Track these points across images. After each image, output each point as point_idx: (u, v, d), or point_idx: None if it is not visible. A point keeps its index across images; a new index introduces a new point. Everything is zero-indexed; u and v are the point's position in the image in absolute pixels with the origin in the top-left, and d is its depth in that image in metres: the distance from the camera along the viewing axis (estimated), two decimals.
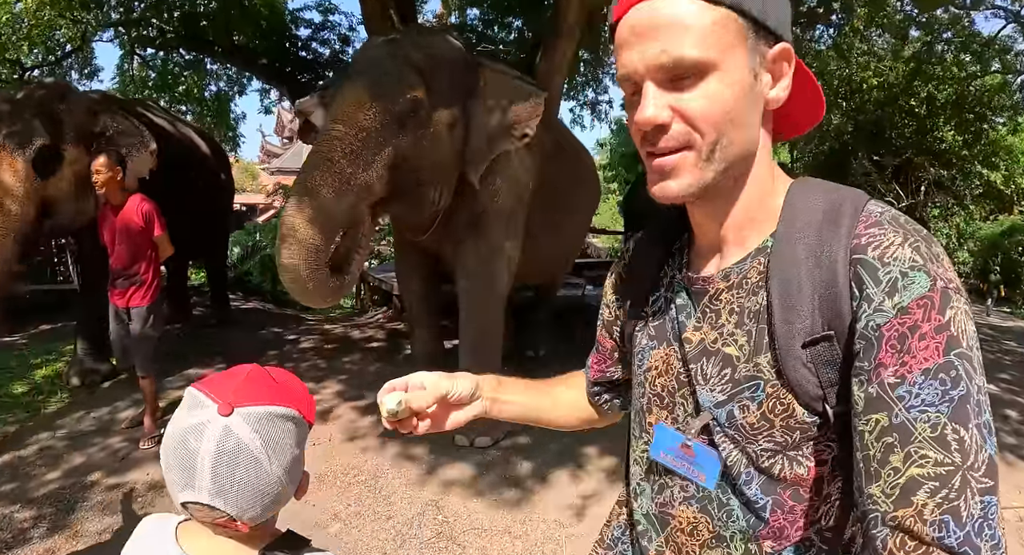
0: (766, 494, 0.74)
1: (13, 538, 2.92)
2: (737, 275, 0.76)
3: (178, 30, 9.29)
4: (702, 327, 0.79)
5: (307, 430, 0.89)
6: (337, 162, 2.88)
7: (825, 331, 0.67)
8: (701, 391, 0.78)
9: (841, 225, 0.67)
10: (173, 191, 5.27)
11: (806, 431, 0.70)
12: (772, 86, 0.72)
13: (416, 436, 3.30)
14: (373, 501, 3.22)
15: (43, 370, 5.10)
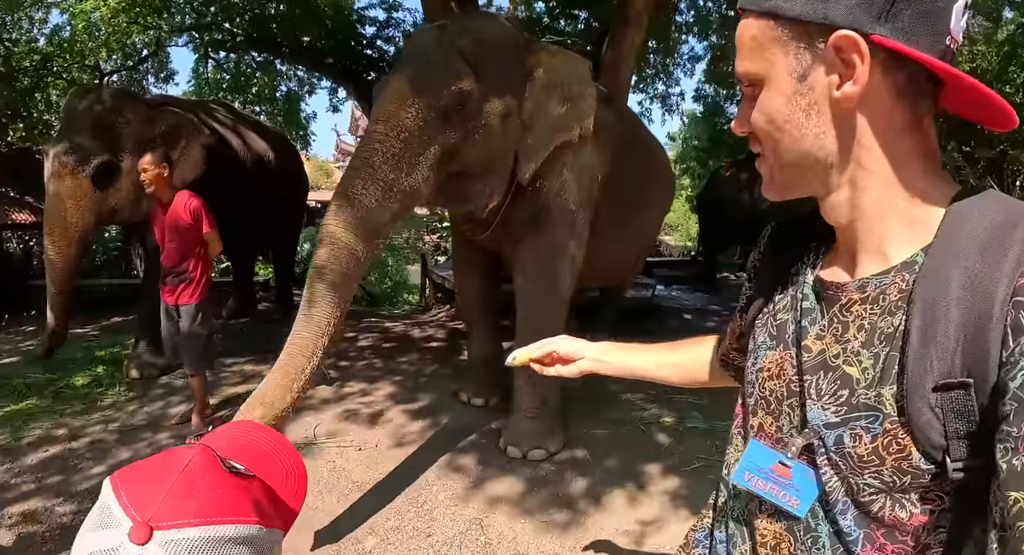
0: (859, 527, 0.68)
1: (49, 532, 2.88)
2: (875, 288, 0.68)
3: (248, 33, 9.49)
4: (825, 337, 0.72)
5: (275, 541, 0.63)
6: (378, 168, 2.69)
7: (963, 377, 0.58)
8: (812, 406, 0.71)
9: (1008, 253, 0.57)
10: (237, 189, 5.36)
11: (918, 477, 0.63)
12: (839, 84, 0.64)
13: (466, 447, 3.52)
14: (414, 516, 3.00)
15: (105, 363, 5.18)
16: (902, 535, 0.67)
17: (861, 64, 0.62)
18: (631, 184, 4.28)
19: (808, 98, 0.66)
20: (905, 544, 0.67)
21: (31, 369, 4.95)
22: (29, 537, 2.83)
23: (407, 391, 4.79)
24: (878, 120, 0.65)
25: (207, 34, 9.39)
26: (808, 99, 0.66)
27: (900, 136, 0.66)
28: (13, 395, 4.45)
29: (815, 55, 0.65)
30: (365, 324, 7.50)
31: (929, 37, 0.61)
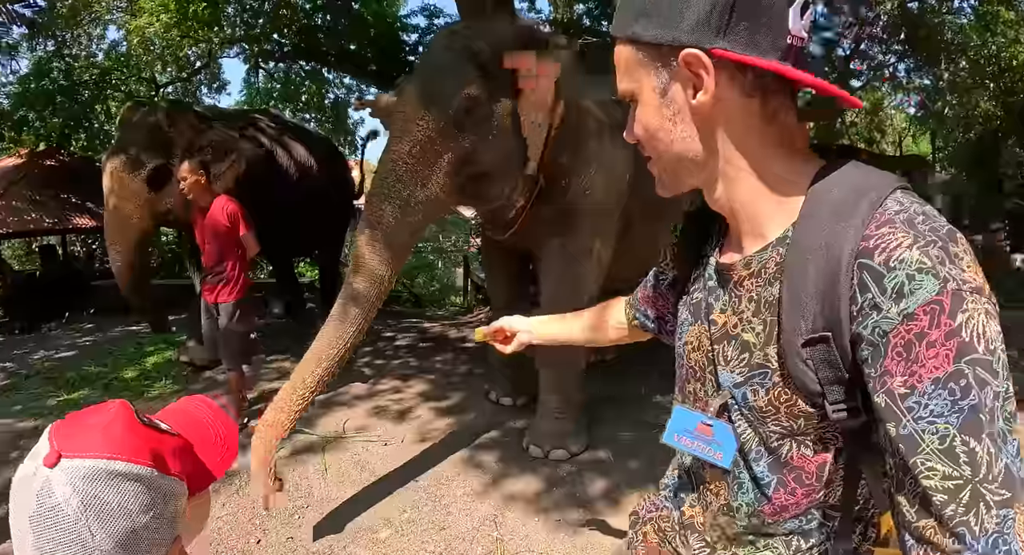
0: (772, 473, 0.79)
1: None
2: (757, 264, 0.78)
3: (296, 43, 9.78)
4: (727, 311, 0.82)
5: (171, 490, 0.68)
6: (393, 186, 2.77)
7: (823, 332, 0.67)
8: (722, 371, 0.82)
9: (852, 222, 0.66)
10: (281, 193, 5.55)
11: (810, 420, 0.73)
12: (693, 95, 0.72)
13: (488, 444, 3.76)
14: (431, 509, 3.03)
15: (154, 357, 5.43)
16: (807, 477, 0.77)
17: (707, 76, 0.70)
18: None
19: (671, 108, 0.75)
20: (812, 487, 0.77)
21: (84, 362, 5.23)
22: None
23: (438, 389, 4.84)
24: (734, 120, 0.74)
25: (257, 45, 9.73)
26: (672, 109, 0.75)
27: (758, 130, 0.74)
28: (67, 386, 4.72)
29: (671, 71, 0.73)
30: (405, 324, 7.60)
31: (768, 41, 0.68)
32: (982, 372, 0.58)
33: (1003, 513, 0.56)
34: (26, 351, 5.83)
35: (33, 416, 4.17)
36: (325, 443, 3.79)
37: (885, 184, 0.68)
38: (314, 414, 4.27)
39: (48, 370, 5.05)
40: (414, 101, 2.79)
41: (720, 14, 0.68)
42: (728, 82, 0.71)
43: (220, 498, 3.12)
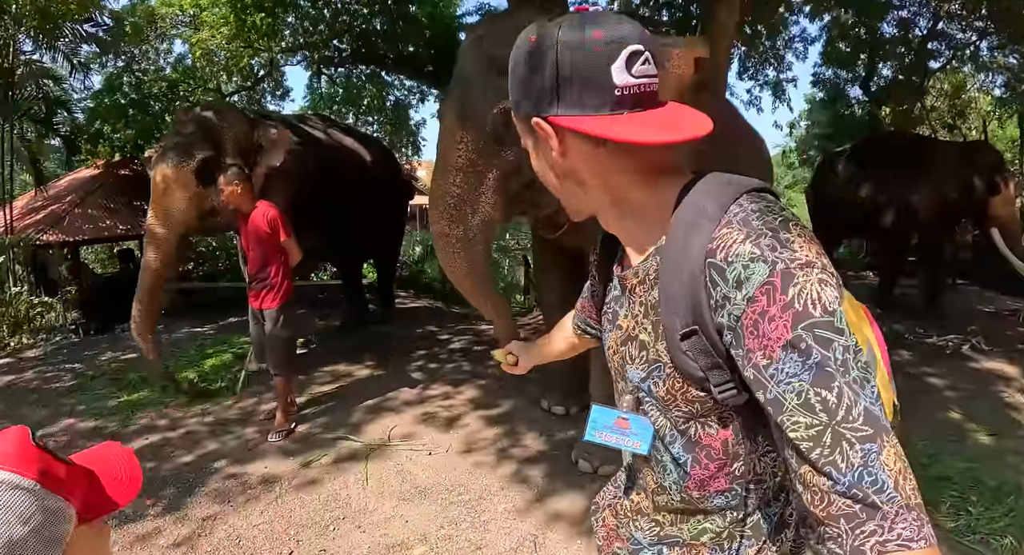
0: (686, 452, 0.90)
1: (132, 513, 3.04)
2: (643, 273, 0.88)
3: (355, 48, 9.90)
4: (628, 316, 0.93)
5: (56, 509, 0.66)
6: (447, 231, 2.73)
7: (692, 326, 0.76)
8: (630, 370, 0.93)
9: (701, 228, 0.75)
10: (337, 197, 5.54)
11: (704, 403, 0.84)
12: (551, 153, 0.84)
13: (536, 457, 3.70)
14: (469, 526, 2.87)
15: (213, 360, 5.52)
16: (716, 453, 0.87)
17: (552, 138, 0.82)
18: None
19: (544, 162, 0.88)
20: (722, 461, 0.87)
21: (148, 364, 5.35)
22: (114, 517, 3.00)
23: (489, 396, 4.69)
24: (588, 164, 0.84)
25: (317, 52, 9.92)
26: (545, 162, 0.88)
27: (613, 167, 0.84)
28: (128, 388, 4.85)
29: (534, 134, 0.85)
30: (461, 327, 7.51)
31: (596, 99, 0.77)
32: (823, 332, 0.65)
33: (866, 447, 0.62)
34: (96, 352, 6.07)
35: (94, 417, 4.29)
36: (369, 451, 3.70)
37: (732, 192, 0.77)
38: (361, 420, 4.21)
39: (113, 371, 5.21)
40: (453, 122, 2.67)
41: (552, 87, 0.78)
42: (573, 137, 0.81)
43: (258, 506, 3.08)
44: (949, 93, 14.50)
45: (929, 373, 5.09)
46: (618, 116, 0.77)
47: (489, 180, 2.69)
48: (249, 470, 3.47)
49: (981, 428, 3.88)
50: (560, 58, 0.77)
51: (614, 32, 0.76)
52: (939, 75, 13.12)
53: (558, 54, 0.77)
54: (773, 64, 10.08)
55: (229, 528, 2.88)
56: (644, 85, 0.77)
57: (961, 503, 2.96)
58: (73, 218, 8.22)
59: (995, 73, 12.21)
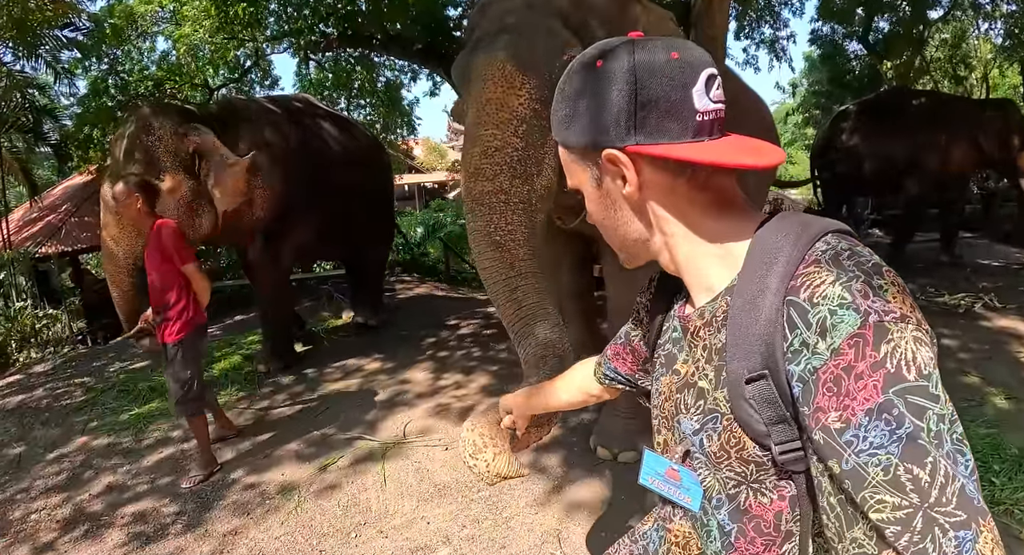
0: (733, 521, 0.80)
1: (154, 532, 3.04)
2: (709, 314, 0.81)
3: (341, 31, 9.68)
4: (688, 360, 0.86)
5: None
6: (509, 188, 2.15)
7: (761, 370, 0.69)
8: (683, 420, 0.84)
9: (784, 264, 0.69)
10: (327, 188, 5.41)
11: (761, 465, 0.74)
12: (623, 187, 0.79)
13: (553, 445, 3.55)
14: (491, 524, 2.85)
15: (223, 363, 5.50)
16: (766, 525, 0.77)
17: (628, 170, 0.77)
18: None
19: (609, 199, 0.83)
20: (771, 537, 0.77)
21: (158, 373, 5.33)
22: (136, 536, 3.00)
23: (501, 382, 4.67)
24: (663, 198, 0.79)
25: (303, 38, 9.70)
26: (609, 199, 0.83)
27: (688, 200, 0.79)
28: (138, 399, 4.83)
29: (600, 168, 0.80)
30: (468, 311, 7.49)
31: (677, 126, 0.73)
32: (916, 399, 0.59)
33: (960, 535, 0.55)
34: (104, 363, 6.06)
35: (107, 433, 4.28)
36: (385, 450, 3.68)
37: (818, 229, 0.71)
38: (375, 417, 4.20)
39: (122, 382, 5.19)
40: (508, 68, 2.22)
41: (628, 114, 0.74)
42: (651, 169, 0.77)
43: (278, 516, 3.07)
44: (950, 43, 14.19)
45: (943, 334, 5.03)
46: (699, 143, 0.74)
47: (551, 139, 2.19)
48: (266, 478, 3.46)
49: (999, 391, 3.83)
50: (640, 82, 0.73)
51: (689, 54, 0.74)
52: (939, 25, 12.82)
53: (637, 78, 0.73)
54: (769, 22, 9.83)
55: (251, 543, 2.87)
56: (719, 111, 0.75)
57: (983, 472, 2.93)
58: (70, 227, 8.19)
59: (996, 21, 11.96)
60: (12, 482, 3.71)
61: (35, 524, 3.21)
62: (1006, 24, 11.87)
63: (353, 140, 6.31)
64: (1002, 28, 12.20)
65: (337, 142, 5.96)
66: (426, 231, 12.89)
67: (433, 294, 8.74)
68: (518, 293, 2.09)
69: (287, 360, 5.41)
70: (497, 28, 2.38)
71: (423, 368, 5.15)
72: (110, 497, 3.43)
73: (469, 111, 2.29)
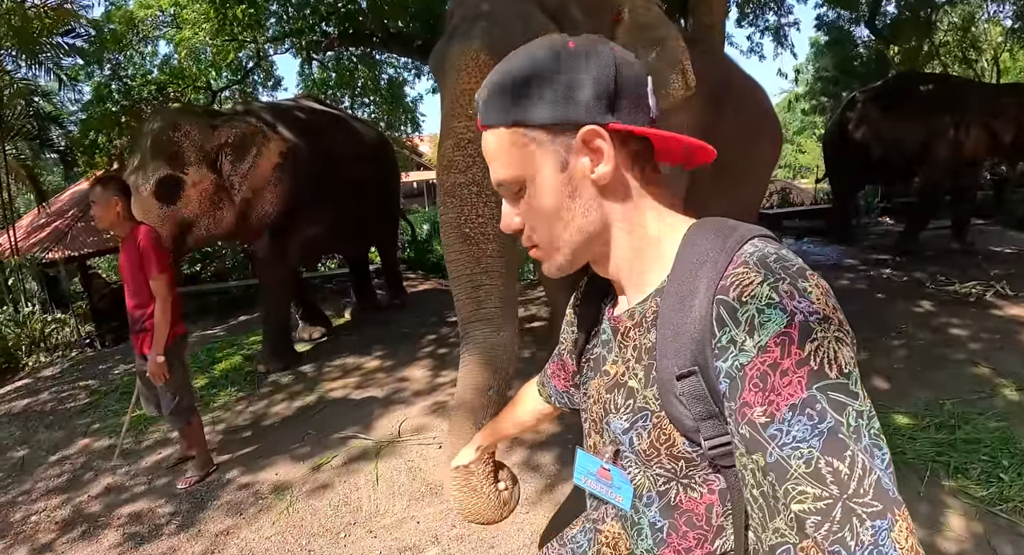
0: (664, 517, 0.81)
1: (148, 533, 3.05)
2: (639, 314, 0.82)
3: (342, 30, 9.69)
4: (617, 361, 0.86)
5: None
6: (482, 183, 2.07)
7: (691, 366, 0.70)
8: (613, 419, 0.85)
9: (713, 265, 0.71)
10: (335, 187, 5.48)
11: (690, 461, 0.76)
12: (592, 168, 0.77)
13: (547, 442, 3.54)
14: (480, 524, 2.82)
15: (223, 364, 5.52)
16: (698, 519, 0.78)
17: (607, 147, 0.75)
18: (734, 140, 3.60)
19: (571, 185, 0.78)
20: (703, 532, 0.78)
21: None
22: (131, 536, 3.01)
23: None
24: (622, 188, 0.79)
25: (304, 38, 9.72)
26: (571, 186, 0.78)
27: (638, 194, 0.80)
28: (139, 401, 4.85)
29: (567, 148, 0.76)
30: None
31: (643, 116, 0.77)
32: (837, 395, 0.61)
33: (877, 524, 0.57)
34: (110, 365, 6.11)
35: (108, 435, 4.31)
36: (379, 448, 3.66)
37: (744, 232, 0.72)
38: (371, 415, 4.18)
39: (125, 385, 5.22)
40: (481, 57, 2.11)
41: (610, 94, 0.74)
42: (620, 150, 0.77)
43: (270, 516, 3.06)
44: (960, 26, 13.92)
45: (953, 324, 4.93)
46: (668, 133, 0.77)
47: None
48: (261, 478, 3.46)
49: (1010, 382, 3.74)
50: (619, 69, 0.75)
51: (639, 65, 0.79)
52: (947, 8, 12.58)
53: (617, 64, 0.75)
54: (773, 8, 9.69)
55: (242, 543, 2.87)
56: (656, 115, 0.79)
57: (992, 468, 2.85)
58: (77, 233, 8.26)
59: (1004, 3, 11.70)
60: (15, 485, 3.74)
61: (35, 525, 3.23)
62: (1016, 6, 11.61)
63: (360, 137, 6.42)
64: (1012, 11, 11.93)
65: (345, 139, 6.03)
66: (432, 228, 12.86)
67: (437, 291, 8.71)
68: (480, 293, 2.06)
69: (287, 360, 5.40)
70: (473, 15, 2.31)
71: (423, 366, 5.13)
72: (108, 498, 3.44)
73: (444, 103, 2.24)
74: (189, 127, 4.46)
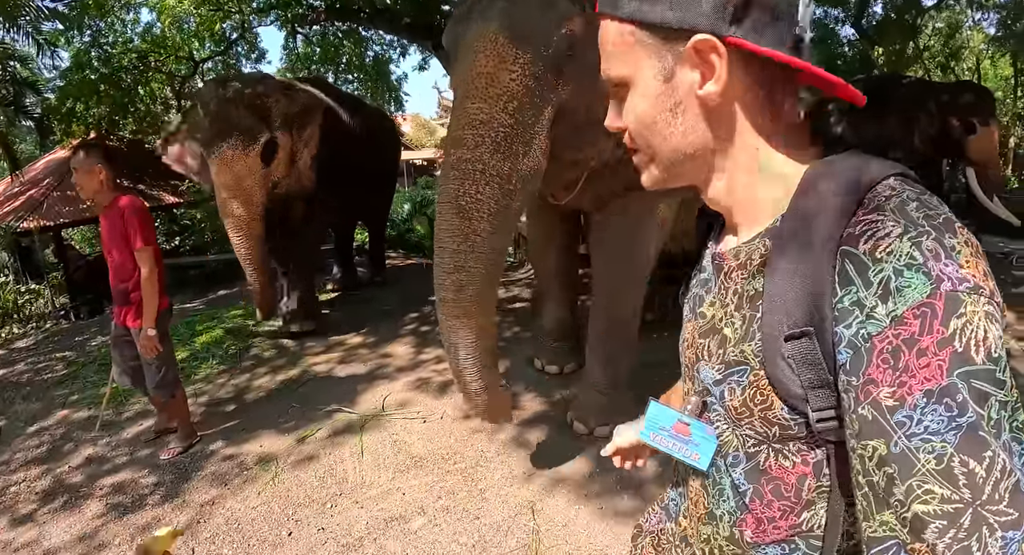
0: (749, 481, 0.73)
1: (131, 503, 3.05)
2: (745, 255, 0.73)
3: (329, 4, 9.53)
4: (715, 303, 0.78)
5: None
6: (489, 161, 2.08)
7: (804, 327, 0.61)
8: (703, 367, 0.77)
9: (839, 208, 0.61)
10: (345, 164, 5.53)
11: (786, 428, 0.67)
12: (701, 84, 0.67)
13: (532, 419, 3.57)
14: (466, 496, 2.87)
15: (204, 337, 5.47)
16: (786, 489, 0.70)
17: (720, 63, 0.65)
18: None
19: (673, 98, 0.70)
20: (790, 503, 0.70)
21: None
22: (114, 507, 3.01)
23: None
24: (737, 111, 0.69)
25: (290, 11, 9.55)
26: (673, 99, 0.70)
27: (759, 123, 0.70)
28: None
29: (676, 57, 0.68)
30: None
31: (779, 32, 0.65)
32: (980, 384, 0.52)
33: (1009, 536, 0.50)
34: (87, 337, 6.02)
35: (88, 406, 4.27)
36: (364, 421, 3.69)
37: (880, 170, 0.62)
38: (355, 389, 4.21)
39: (103, 356, 5.15)
40: (501, 41, 2.09)
41: (736, 2, 0.64)
42: (740, 72, 0.67)
43: (255, 487, 3.08)
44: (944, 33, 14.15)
45: None
46: (796, 60, 0.65)
47: (544, 118, 2.17)
48: (245, 450, 3.47)
49: None
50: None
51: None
52: (932, 13, 12.78)
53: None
54: None
55: (228, 512, 2.88)
56: (804, 32, 0.67)
57: None
58: (52, 202, 8.08)
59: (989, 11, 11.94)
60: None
61: (14, 496, 3.21)
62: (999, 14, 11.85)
63: (374, 116, 6.74)
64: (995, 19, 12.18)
65: (363, 118, 6.10)
66: (413, 208, 12.81)
67: (417, 268, 8.70)
68: (462, 275, 2.07)
69: (318, 321, 5.56)
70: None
71: (405, 342, 5.15)
72: (90, 469, 3.43)
73: (458, 84, 2.20)
74: (277, 93, 4.61)
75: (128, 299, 3.25)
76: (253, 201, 4.45)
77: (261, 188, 4.49)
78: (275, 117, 4.55)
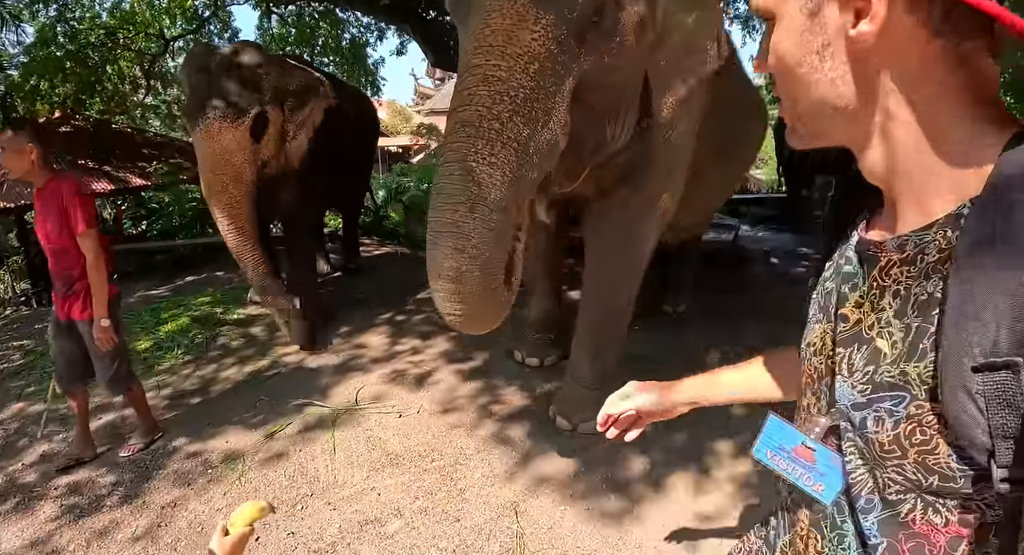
0: (883, 534, 0.59)
1: (88, 505, 2.86)
2: (914, 247, 0.58)
3: None
4: (864, 304, 0.63)
5: None
6: (507, 121, 1.82)
7: (1010, 356, 0.46)
8: (842, 384, 0.63)
9: None
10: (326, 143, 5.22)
11: (948, 480, 0.52)
12: (855, 23, 0.56)
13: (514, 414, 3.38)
14: (445, 496, 2.73)
15: (169, 326, 5.23)
16: (932, 552, 0.56)
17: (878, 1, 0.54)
18: (729, 120, 3.51)
19: (821, 38, 0.59)
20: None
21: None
22: (69, 509, 2.82)
23: (461, 349, 4.52)
24: (907, 62, 0.56)
25: None
26: (821, 39, 0.59)
27: (938, 78, 0.56)
28: None
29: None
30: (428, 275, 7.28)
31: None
32: None
33: None
34: (46, 325, 5.66)
35: (44, 399, 4.02)
36: (336, 416, 3.53)
37: None
38: (327, 382, 4.04)
39: None
40: (520, 3, 1.86)
41: None
42: (904, 11, 0.54)
43: (220, 487, 2.91)
44: None
45: None
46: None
47: (566, 88, 1.94)
48: (210, 447, 3.29)
49: None
50: None
51: None
52: None
53: None
54: None
55: (191, 515, 2.71)
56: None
57: None
58: (13, 183, 7.69)
59: None
60: None
61: None
62: None
63: (358, 100, 6.48)
64: None
65: (349, 101, 5.80)
66: (388, 195, 12.55)
67: (392, 258, 8.50)
68: (463, 259, 1.81)
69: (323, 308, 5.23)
70: None
71: (380, 332, 4.98)
72: (44, 466, 3.22)
73: (468, 44, 1.94)
74: (271, 65, 4.24)
75: (72, 289, 2.98)
76: (243, 179, 3.96)
77: (251, 165, 4.01)
78: (266, 90, 4.16)
